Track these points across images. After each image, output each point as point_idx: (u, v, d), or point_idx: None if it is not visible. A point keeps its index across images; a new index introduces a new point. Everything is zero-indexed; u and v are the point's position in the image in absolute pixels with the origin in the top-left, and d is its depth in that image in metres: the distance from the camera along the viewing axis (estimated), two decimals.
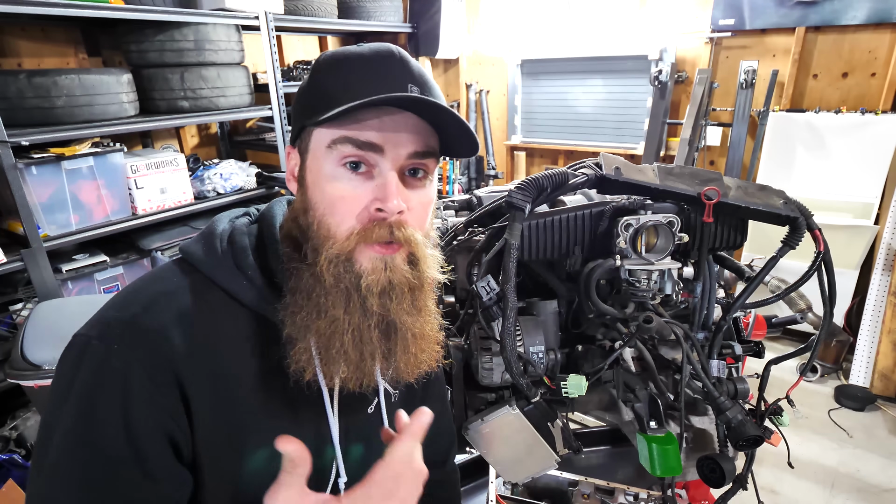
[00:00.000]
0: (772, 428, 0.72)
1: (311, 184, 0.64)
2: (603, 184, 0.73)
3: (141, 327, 0.59)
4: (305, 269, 0.63)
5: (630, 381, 0.76)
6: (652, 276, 0.71)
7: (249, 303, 0.64)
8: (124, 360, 0.57)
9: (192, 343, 0.60)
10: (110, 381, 0.57)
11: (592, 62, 3.85)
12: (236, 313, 0.64)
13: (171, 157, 2.51)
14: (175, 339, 0.59)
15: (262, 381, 0.64)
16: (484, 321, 0.71)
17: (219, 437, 0.63)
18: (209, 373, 0.61)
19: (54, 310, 1.76)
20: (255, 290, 0.64)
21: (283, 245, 0.67)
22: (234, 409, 0.63)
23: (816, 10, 2.94)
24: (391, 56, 0.63)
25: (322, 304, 0.61)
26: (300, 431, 0.68)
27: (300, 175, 0.66)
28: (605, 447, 1.27)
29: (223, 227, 0.69)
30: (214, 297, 0.64)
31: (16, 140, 1.87)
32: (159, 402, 0.58)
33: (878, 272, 2.78)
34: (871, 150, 2.84)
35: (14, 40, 2.39)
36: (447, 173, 3.92)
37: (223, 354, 0.62)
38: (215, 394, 0.61)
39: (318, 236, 0.62)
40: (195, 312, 0.62)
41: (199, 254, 0.66)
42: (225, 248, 0.66)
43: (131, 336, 0.59)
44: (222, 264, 0.65)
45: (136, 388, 0.57)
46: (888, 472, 2.30)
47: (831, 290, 0.72)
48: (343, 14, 3.45)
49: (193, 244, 0.68)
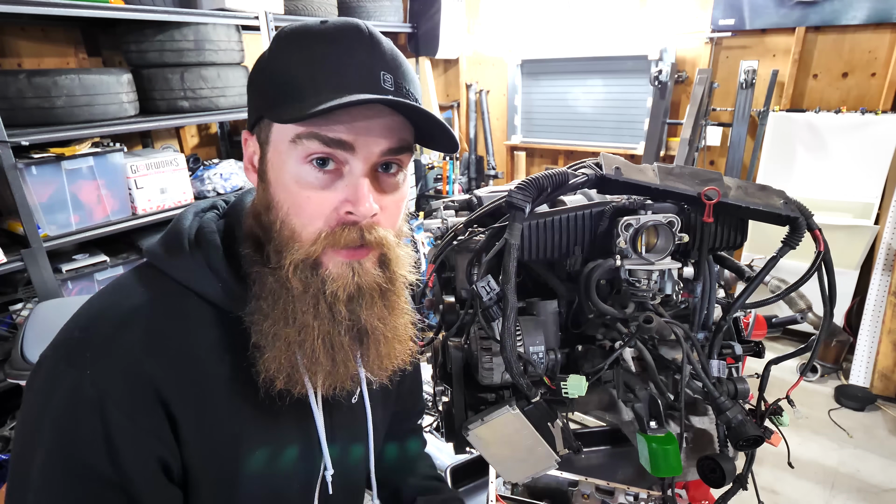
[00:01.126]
0: (772, 428, 0.72)
1: (274, 180, 0.58)
2: (603, 184, 0.73)
3: (112, 350, 0.55)
4: (269, 273, 0.59)
5: (630, 381, 0.76)
6: (652, 276, 0.71)
7: (225, 305, 0.60)
8: (99, 389, 0.53)
9: (169, 358, 0.57)
10: (87, 411, 0.53)
11: (592, 62, 3.85)
12: (212, 317, 0.60)
13: (171, 157, 2.51)
14: (151, 358, 0.55)
15: (246, 384, 0.61)
16: (484, 321, 0.71)
17: (211, 447, 0.60)
18: (191, 383, 0.58)
19: (54, 310, 1.76)
20: (229, 291, 0.60)
21: (244, 245, 0.62)
22: (222, 415, 0.60)
23: (816, 10, 2.94)
24: (359, 35, 0.56)
25: (290, 311, 0.58)
26: (290, 430, 0.68)
27: (261, 168, 0.60)
28: (605, 447, 1.27)
29: (189, 224, 0.63)
30: (187, 303, 0.60)
31: (16, 140, 1.87)
32: (143, 427, 0.55)
33: (878, 272, 2.78)
34: (871, 150, 2.84)
35: (14, 40, 2.38)
36: (447, 173, 3.92)
37: (203, 362, 0.59)
38: (201, 404, 0.58)
39: (281, 237, 0.58)
40: (168, 324, 0.58)
41: (167, 257, 0.61)
42: (194, 247, 0.61)
43: (103, 361, 0.54)
44: (193, 267, 0.60)
45: (114, 417, 0.53)
46: (888, 472, 2.30)
47: (831, 290, 0.72)
48: (343, 14, 3.45)
49: (159, 246, 0.63)
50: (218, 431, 0.60)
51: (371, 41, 0.57)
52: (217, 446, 0.61)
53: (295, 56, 0.56)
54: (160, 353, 0.56)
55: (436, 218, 0.91)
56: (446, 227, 0.88)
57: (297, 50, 0.56)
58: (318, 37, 0.56)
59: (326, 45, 0.55)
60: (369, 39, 0.56)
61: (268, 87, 0.57)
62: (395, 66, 0.58)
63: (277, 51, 0.58)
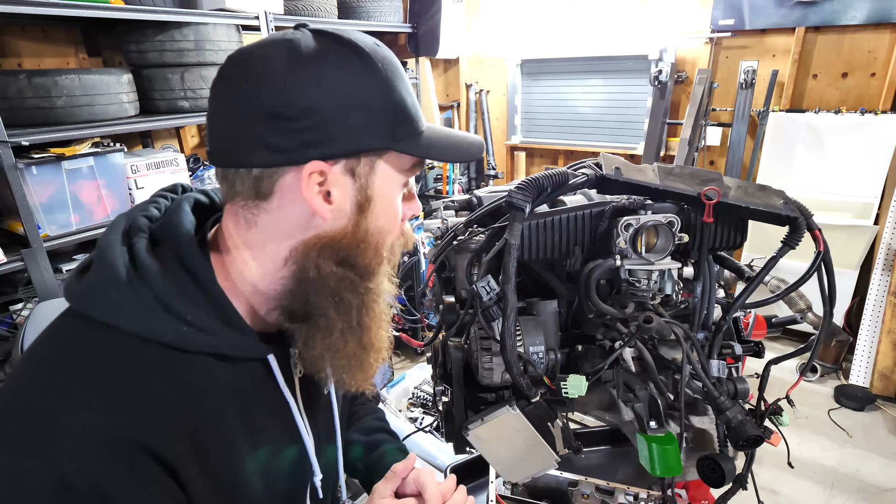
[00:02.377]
0: (772, 428, 0.72)
1: (381, 207, 0.59)
2: (603, 184, 0.73)
3: (90, 426, 0.47)
4: (347, 288, 0.59)
5: (630, 381, 0.76)
6: (652, 276, 0.71)
7: (191, 347, 0.55)
8: (92, 476, 0.46)
9: (151, 415, 0.51)
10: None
11: (592, 62, 3.85)
12: (176, 361, 0.54)
13: (171, 157, 2.51)
14: (134, 422, 0.49)
15: (227, 415, 0.59)
16: (484, 321, 0.71)
17: (216, 480, 0.57)
18: (184, 433, 0.53)
19: (54, 310, 1.75)
20: (199, 330, 0.55)
21: (322, 264, 0.58)
22: (219, 451, 0.57)
23: (816, 10, 2.94)
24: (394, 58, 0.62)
25: (368, 316, 0.62)
26: (280, 443, 0.68)
27: (360, 199, 0.57)
28: (605, 447, 1.27)
29: (118, 257, 0.54)
30: (146, 352, 0.53)
31: (16, 140, 1.86)
32: (160, 494, 0.50)
33: (878, 272, 2.78)
34: (870, 150, 2.84)
35: (14, 40, 2.38)
36: (447, 173, 3.92)
37: (186, 409, 0.54)
38: (196, 449, 0.54)
39: (376, 256, 0.61)
40: (139, 383, 0.52)
41: (109, 305, 0.52)
42: (140, 288, 0.53)
43: (82, 442, 0.47)
44: (145, 313, 0.52)
45: (123, 499, 0.47)
46: (888, 472, 2.30)
47: (831, 290, 0.72)
48: (343, 14, 3.45)
49: (90, 292, 0.54)
50: (217, 465, 0.58)
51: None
52: (219, 478, 0.58)
53: (395, 79, 0.56)
54: (140, 415, 0.50)
55: (436, 218, 0.91)
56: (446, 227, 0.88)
57: (393, 73, 0.57)
58: (394, 62, 0.58)
59: (402, 73, 0.59)
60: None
61: (383, 115, 0.55)
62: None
63: (380, 72, 0.55)
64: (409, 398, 2.67)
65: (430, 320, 3.21)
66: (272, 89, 0.52)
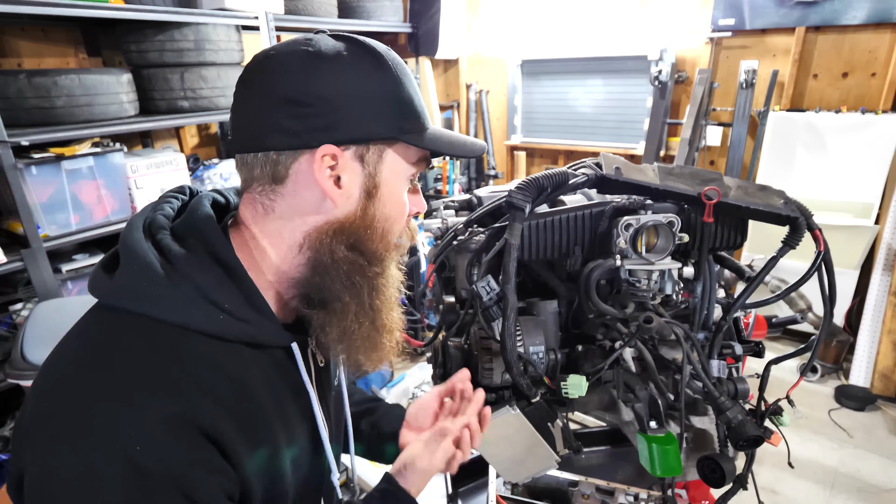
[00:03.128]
0: (772, 428, 0.72)
1: (387, 195, 0.63)
2: (603, 184, 0.73)
3: (148, 413, 0.49)
4: (357, 272, 0.63)
5: (630, 381, 0.76)
6: (652, 276, 0.71)
7: (231, 336, 0.57)
8: (162, 460, 0.48)
9: (202, 401, 0.53)
10: (163, 489, 0.48)
11: (592, 62, 3.85)
12: (217, 350, 0.57)
13: (171, 157, 2.51)
14: (187, 405, 0.52)
15: (265, 403, 0.60)
16: (484, 321, 0.71)
17: (259, 465, 0.59)
18: (230, 419, 0.55)
19: (54, 310, 1.76)
20: (233, 315, 0.57)
21: (336, 249, 0.61)
22: (262, 436, 0.59)
23: (816, 10, 2.94)
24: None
25: (378, 301, 0.65)
26: (302, 436, 0.68)
27: (368, 186, 0.61)
28: (605, 447, 1.27)
29: (149, 253, 0.56)
30: (189, 342, 0.55)
31: (16, 140, 1.86)
32: (213, 470, 0.52)
33: (879, 272, 2.78)
34: (871, 150, 2.84)
35: (14, 40, 2.39)
36: (447, 173, 3.92)
37: (231, 396, 0.56)
38: (242, 434, 0.56)
39: (383, 243, 0.64)
40: (186, 371, 0.54)
41: (148, 298, 0.54)
42: (180, 281, 0.55)
43: (145, 429, 0.49)
44: (186, 304, 0.55)
45: (193, 478, 0.50)
46: (888, 472, 2.30)
47: (831, 290, 0.72)
48: (343, 14, 3.45)
49: (126, 287, 0.55)
50: (259, 450, 0.59)
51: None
52: (262, 463, 0.60)
53: (405, 79, 0.61)
54: (192, 399, 0.52)
55: (436, 218, 0.91)
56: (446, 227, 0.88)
57: (403, 74, 0.61)
58: (403, 64, 0.62)
59: (410, 75, 0.63)
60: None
61: (392, 107, 0.60)
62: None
63: (397, 72, 0.61)
64: (409, 398, 2.67)
65: (430, 320, 3.21)
66: (291, 77, 0.57)
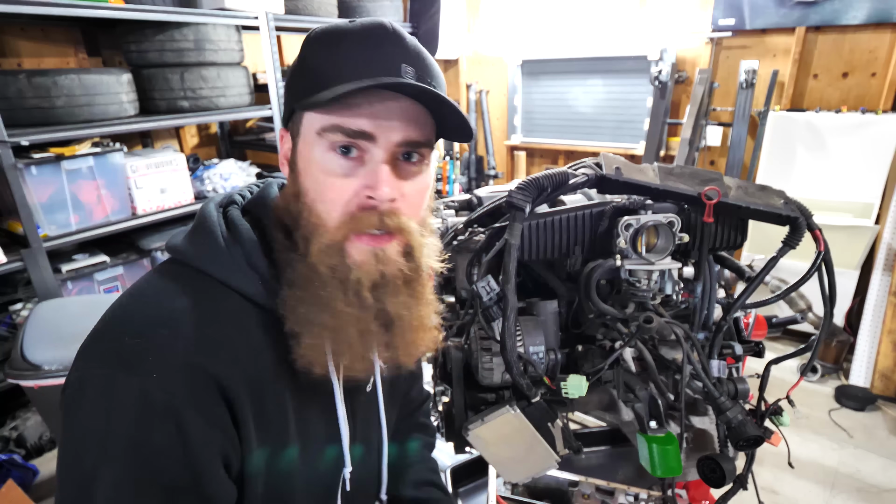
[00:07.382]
0: (772, 428, 0.72)
1: (303, 169, 0.61)
2: (603, 184, 0.73)
3: (173, 353, 0.54)
4: (298, 260, 0.61)
5: (630, 381, 0.76)
6: (652, 276, 0.71)
7: (263, 302, 0.61)
8: (168, 392, 0.53)
9: (223, 356, 0.57)
10: (159, 418, 0.52)
11: (592, 62, 3.85)
12: (252, 314, 0.61)
13: (171, 157, 2.51)
14: (208, 357, 0.56)
15: (288, 380, 0.62)
16: (484, 321, 0.71)
17: (265, 443, 0.61)
18: (246, 381, 0.58)
19: (54, 310, 1.76)
20: (268, 286, 0.61)
21: (275, 232, 0.64)
22: (272, 413, 0.61)
23: (816, 10, 2.94)
24: (383, 32, 0.60)
25: (322, 297, 0.59)
26: (318, 426, 0.68)
27: (292, 159, 0.63)
28: (605, 447, 1.27)
29: (217, 219, 0.63)
30: (228, 300, 0.60)
31: (16, 140, 1.87)
32: (212, 422, 0.55)
33: (879, 272, 2.78)
34: (871, 150, 2.84)
35: (14, 40, 2.39)
36: (447, 173, 3.92)
37: (252, 360, 0.59)
38: (256, 401, 0.59)
39: (308, 224, 0.60)
40: (217, 323, 0.58)
41: (202, 254, 0.61)
42: (230, 243, 0.61)
43: (166, 364, 0.54)
44: (231, 263, 0.60)
45: (187, 417, 0.53)
46: (888, 472, 2.29)
47: (831, 290, 0.72)
48: (343, 14, 3.45)
49: (189, 244, 0.62)
50: (272, 429, 0.61)
51: (395, 36, 0.60)
52: (270, 444, 0.62)
53: (322, 51, 0.61)
54: (215, 352, 0.56)
55: (436, 218, 0.91)
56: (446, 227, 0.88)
57: (324, 46, 0.61)
58: (344, 33, 0.60)
59: (352, 40, 0.59)
60: (393, 35, 0.60)
61: (297, 80, 0.62)
62: (417, 57, 0.61)
63: (307, 49, 0.62)
64: None
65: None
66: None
